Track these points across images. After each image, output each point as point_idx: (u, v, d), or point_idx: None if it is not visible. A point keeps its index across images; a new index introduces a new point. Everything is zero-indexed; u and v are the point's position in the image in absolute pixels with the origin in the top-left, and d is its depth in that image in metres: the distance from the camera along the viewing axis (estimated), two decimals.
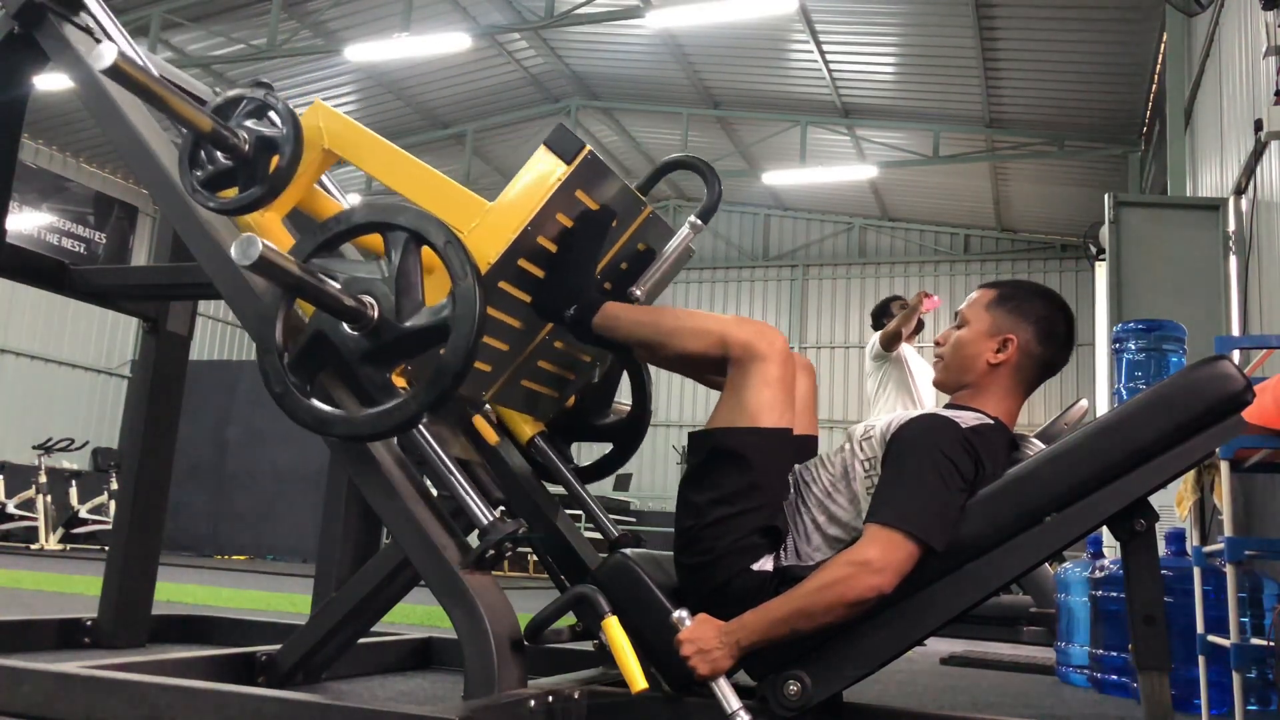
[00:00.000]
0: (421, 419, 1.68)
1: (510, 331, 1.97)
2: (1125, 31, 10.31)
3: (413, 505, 1.76)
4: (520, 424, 2.25)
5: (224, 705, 1.53)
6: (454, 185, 1.90)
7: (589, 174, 1.89)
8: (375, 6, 11.94)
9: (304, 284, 1.59)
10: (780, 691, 1.61)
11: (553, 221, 1.88)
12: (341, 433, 1.70)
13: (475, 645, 1.66)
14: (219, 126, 1.81)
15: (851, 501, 1.72)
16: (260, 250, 1.47)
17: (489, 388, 2.04)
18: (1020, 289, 1.87)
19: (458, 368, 1.59)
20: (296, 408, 1.69)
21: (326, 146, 1.94)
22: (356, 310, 1.65)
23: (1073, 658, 3.57)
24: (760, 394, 1.77)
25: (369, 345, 1.67)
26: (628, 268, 2.16)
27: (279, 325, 1.71)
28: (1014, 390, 1.82)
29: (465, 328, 1.59)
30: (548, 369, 2.16)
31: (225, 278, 1.90)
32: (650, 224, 2.15)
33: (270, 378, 1.70)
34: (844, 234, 17.89)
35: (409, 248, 1.67)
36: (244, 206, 1.85)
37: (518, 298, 1.93)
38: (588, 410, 2.35)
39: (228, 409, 11.16)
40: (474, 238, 1.79)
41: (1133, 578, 1.59)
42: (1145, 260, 6.22)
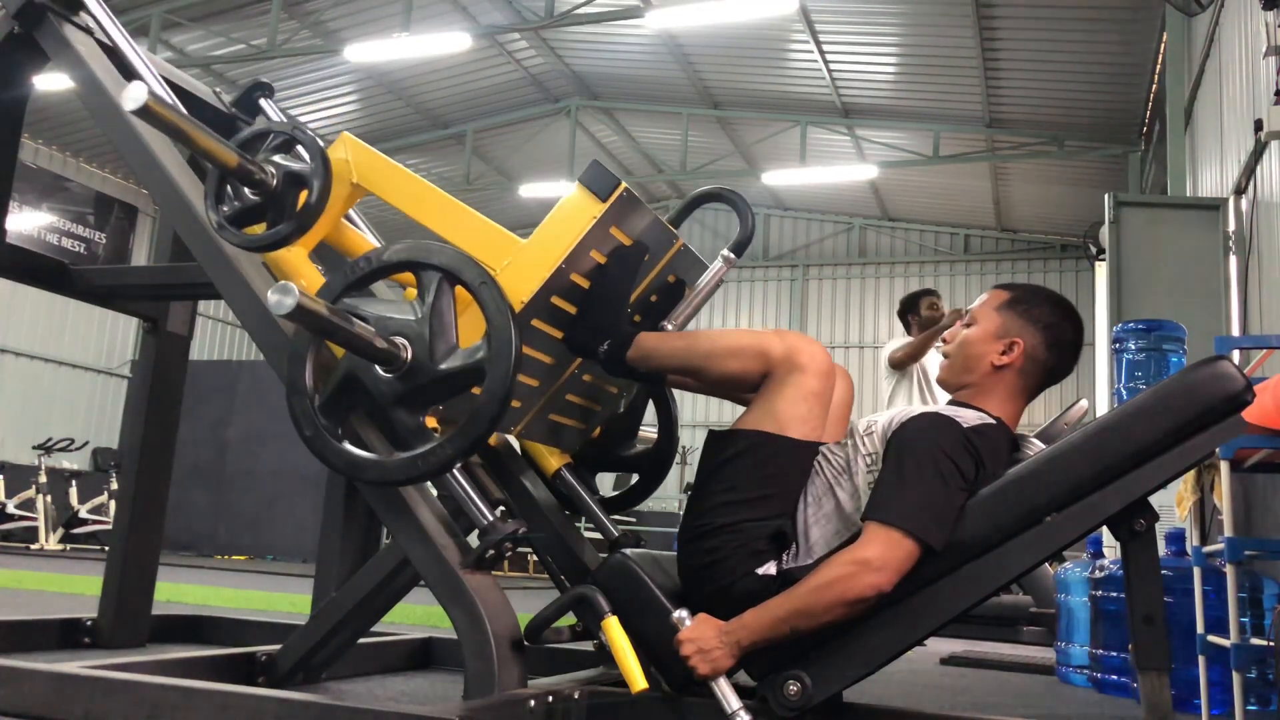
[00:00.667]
0: (456, 464, 1.65)
1: (541, 367, 1.94)
2: (1125, 31, 10.31)
3: (413, 505, 1.76)
4: (546, 456, 2.21)
5: (224, 705, 1.53)
6: (485, 221, 1.87)
7: (623, 210, 1.87)
8: (375, 6, 11.95)
9: (336, 328, 1.56)
10: (780, 691, 1.61)
11: (586, 258, 1.87)
12: (374, 478, 1.68)
13: (475, 645, 1.66)
14: (245, 161, 1.77)
15: (853, 497, 1.72)
16: (296, 300, 1.45)
17: (518, 423, 2.01)
18: (1033, 294, 1.86)
19: (494, 412, 1.57)
20: (327, 451, 1.66)
21: (355, 180, 1.90)
22: (389, 353, 1.62)
23: (1073, 658, 3.57)
24: (795, 405, 1.75)
25: (402, 388, 1.64)
26: (658, 300, 2.14)
27: (309, 367, 1.68)
28: (1016, 393, 1.82)
29: (501, 370, 1.56)
30: (575, 402, 2.14)
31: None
32: (681, 256, 2.14)
33: (300, 420, 1.67)
34: (844, 234, 17.89)
35: (442, 287, 1.65)
36: (272, 244, 1.82)
37: (549, 334, 1.91)
38: (613, 440, 2.32)
39: (228, 409, 11.17)
40: (507, 275, 1.76)
41: (1133, 578, 1.59)
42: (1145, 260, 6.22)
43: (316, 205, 1.78)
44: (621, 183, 1.85)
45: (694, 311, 2.16)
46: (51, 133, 14.10)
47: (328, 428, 1.68)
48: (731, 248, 2.15)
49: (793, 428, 1.74)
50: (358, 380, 1.67)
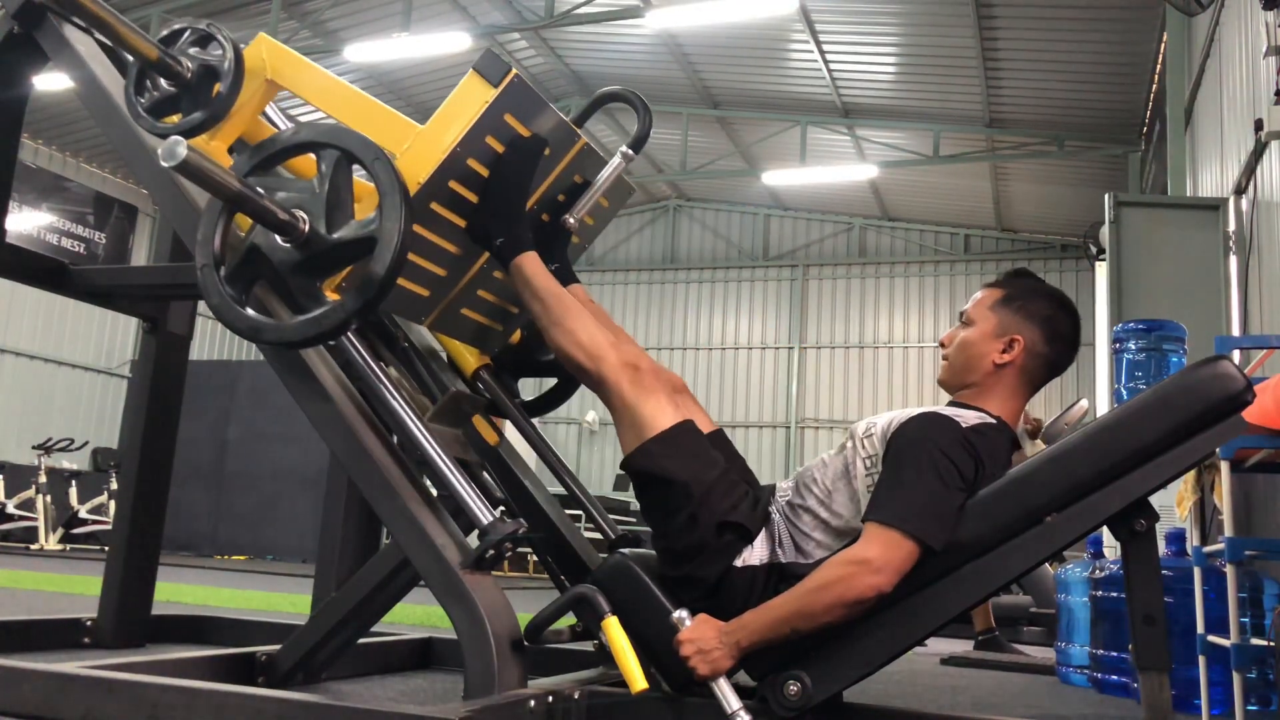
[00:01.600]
0: (349, 326, 1.72)
1: (446, 256, 2.00)
2: (1125, 31, 10.31)
3: (413, 505, 1.76)
4: (465, 356, 2.28)
5: (224, 705, 1.53)
6: (389, 110, 1.96)
7: (518, 98, 1.92)
8: (375, 6, 11.95)
9: (238, 195, 1.65)
10: (780, 691, 1.61)
11: (483, 145, 1.91)
12: (272, 339, 1.75)
13: (475, 645, 1.66)
14: (164, 54, 1.89)
15: (852, 499, 1.72)
16: (185, 153, 1.52)
17: (428, 313, 2.08)
18: (1027, 289, 1.86)
19: (382, 277, 1.64)
20: (232, 317, 1.75)
21: (269, 77, 1.98)
22: (289, 223, 1.71)
23: (1073, 658, 3.57)
24: (644, 405, 1.81)
25: (300, 256, 1.74)
26: (565, 199, 2.18)
27: (217, 239, 1.76)
28: (1018, 391, 1.82)
29: (390, 238, 1.64)
30: (489, 299, 2.19)
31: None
32: (586, 155, 2.17)
33: (208, 289, 1.76)
34: (844, 234, 17.89)
35: (340, 165, 1.74)
36: (187, 130, 1.90)
37: (452, 222, 1.96)
38: (533, 345, 2.38)
39: (228, 409, 11.17)
40: (405, 159, 1.82)
41: (1133, 578, 1.59)
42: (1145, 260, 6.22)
43: (229, 94, 1.90)
44: (512, 69, 1.90)
45: (591, 203, 2.19)
46: (51, 133, 14.10)
47: (233, 295, 1.76)
48: (630, 144, 2.19)
49: (658, 421, 1.80)
50: (260, 251, 1.76)
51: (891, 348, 17.18)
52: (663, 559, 1.79)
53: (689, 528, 1.73)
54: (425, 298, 2.03)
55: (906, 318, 17.19)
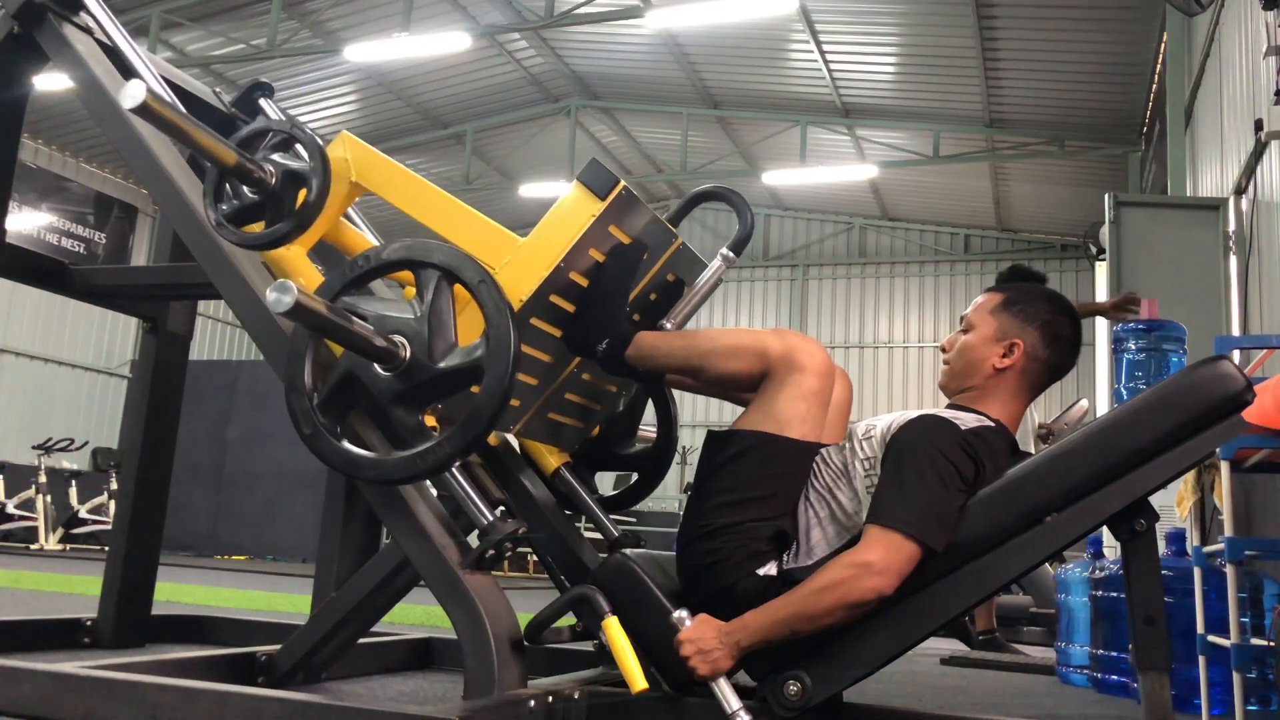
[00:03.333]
0: (454, 463, 1.66)
1: (539, 366, 1.94)
2: (1125, 31, 10.31)
3: (413, 505, 1.76)
4: (545, 455, 2.21)
5: (224, 705, 1.53)
6: (484, 220, 1.87)
7: (622, 209, 1.87)
8: (375, 6, 11.95)
9: (335, 327, 1.56)
10: (780, 691, 1.61)
11: (585, 257, 1.87)
12: (373, 477, 1.68)
13: (475, 645, 1.66)
14: (244, 160, 1.77)
15: (851, 500, 1.72)
16: (295, 297, 1.45)
17: (516, 422, 2.01)
18: (1026, 293, 1.86)
19: (492, 410, 1.57)
20: (326, 450, 1.67)
21: (354, 179, 1.90)
22: (388, 351, 1.62)
23: (1073, 658, 3.57)
24: (794, 405, 1.74)
25: (400, 386, 1.64)
26: (657, 298, 2.14)
27: (308, 365, 1.69)
28: (1018, 395, 1.82)
29: (500, 369, 1.56)
30: (574, 400, 2.13)
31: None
32: (680, 255, 2.13)
33: (299, 419, 1.67)
34: (844, 234, 17.89)
35: (441, 286, 1.64)
36: (271, 242, 1.82)
37: (548, 333, 1.91)
38: (613, 439, 2.31)
39: (228, 409, 11.17)
40: (506, 274, 1.76)
41: (1133, 578, 1.59)
42: (1145, 260, 6.22)
43: (315, 203, 1.77)
44: (620, 181, 1.85)
45: (693, 310, 2.16)
46: (51, 133, 14.10)
47: (326, 426, 1.67)
48: (730, 246, 2.14)
49: (792, 428, 1.73)
50: (356, 379, 1.67)
51: (891, 348, 17.18)
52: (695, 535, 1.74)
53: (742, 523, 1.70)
54: (515, 408, 1.96)
55: (906, 318, 17.19)
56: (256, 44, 11.89)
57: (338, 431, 1.69)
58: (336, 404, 1.70)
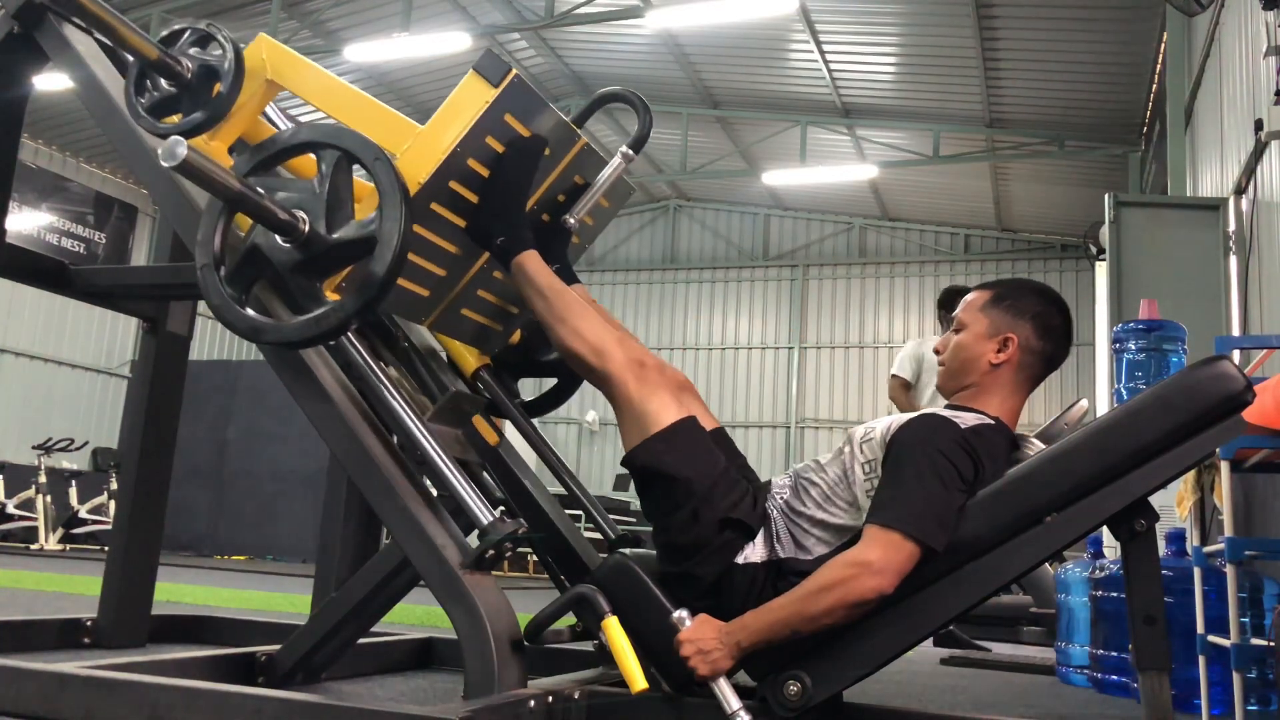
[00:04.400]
0: (349, 326, 1.72)
1: (446, 256, 2.00)
2: (1125, 31, 10.31)
3: (413, 505, 1.76)
4: (465, 356, 2.28)
5: (224, 705, 1.53)
6: (389, 111, 1.95)
7: (518, 98, 1.92)
8: (375, 6, 11.95)
9: (238, 195, 1.65)
10: (780, 691, 1.61)
11: (483, 145, 1.91)
12: (272, 339, 1.75)
13: (475, 645, 1.66)
14: (164, 54, 1.89)
15: (851, 503, 1.72)
16: (185, 152, 1.52)
17: (428, 313, 2.08)
18: (1014, 287, 1.88)
19: (382, 277, 1.65)
20: (233, 317, 1.75)
21: (269, 76, 1.98)
22: (289, 223, 1.71)
23: (1073, 658, 3.57)
24: (648, 401, 1.81)
25: (300, 256, 1.74)
26: (565, 200, 2.18)
27: (217, 239, 1.77)
28: (1017, 389, 1.82)
29: (390, 239, 1.64)
30: (489, 300, 2.19)
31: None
32: (586, 156, 2.17)
33: (209, 289, 1.77)
34: (844, 234, 17.89)
35: (340, 165, 1.74)
36: (187, 130, 1.90)
37: (452, 223, 1.96)
38: (533, 345, 2.38)
39: (228, 409, 11.17)
40: (405, 159, 1.82)
41: (1133, 578, 1.59)
42: (1145, 260, 6.22)
43: (229, 94, 1.90)
44: (512, 69, 1.90)
45: (592, 203, 2.19)
46: (51, 133, 14.10)
47: (233, 295, 1.76)
48: (630, 144, 2.19)
49: (662, 417, 1.80)
50: (261, 251, 1.76)
51: (892, 348, 17.17)
52: (663, 555, 1.79)
53: (690, 524, 1.73)
54: (425, 298, 2.03)
55: (906, 318, 17.19)
56: None
57: (243, 300, 1.78)
58: (243, 275, 1.79)
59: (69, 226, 14.59)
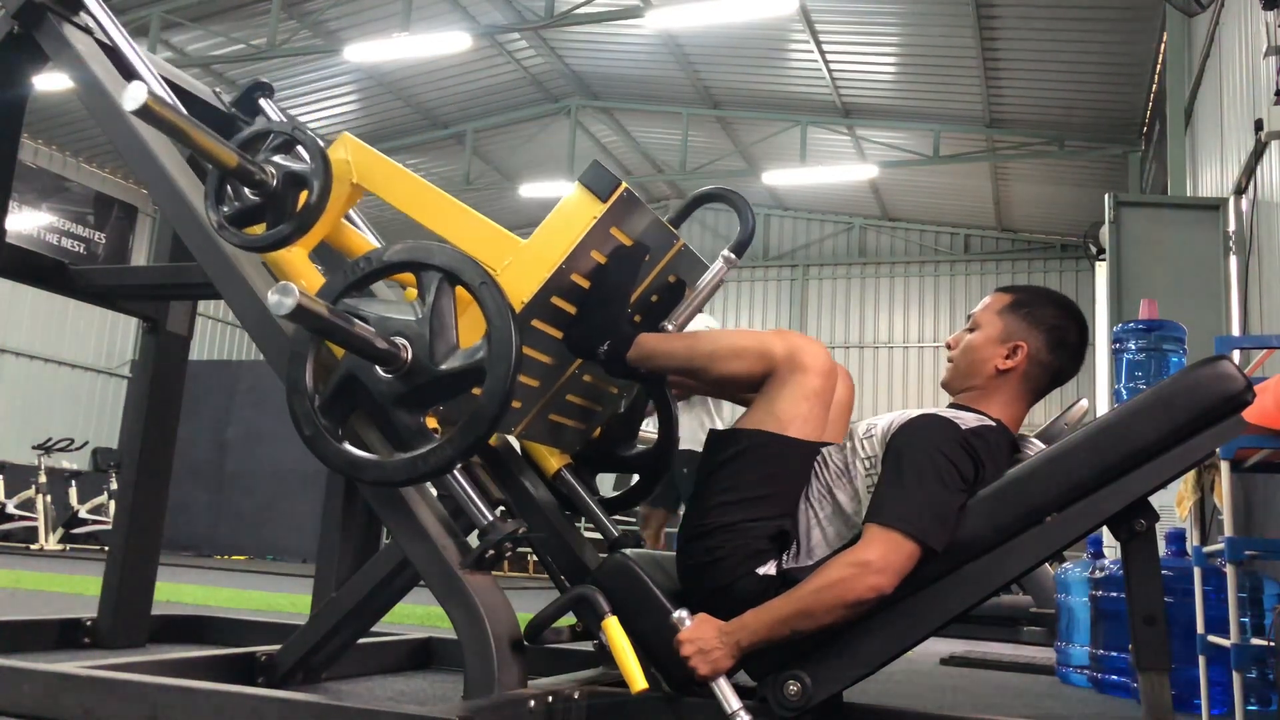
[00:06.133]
0: (456, 465, 1.65)
1: (541, 368, 1.94)
2: (1125, 31, 10.31)
3: (413, 505, 1.76)
4: (546, 457, 2.21)
5: (224, 705, 1.53)
6: (485, 221, 1.87)
7: (624, 210, 1.87)
8: (375, 6, 11.94)
9: (336, 329, 1.56)
10: (780, 691, 1.61)
11: (587, 259, 1.87)
12: (374, 478, 1.68)
13: (475, 645, 1.66)
14: (245, 161, 1.77)
15: (852, 500, 1.72)
16: (296, 300, 1.45)
17: (518, 424, 2.01)
18: (1035, 296, 1.86)
19: (494, 412, 1.57)
20: (328, 452, 1.67)
21: (355, 180, 1.90)
22: (389, 353, 1.62)
23: (1073, 658, 3.57)
24: (796, 405, 1.74)
25: (402, 388, 1.64)
26: (659, 300, 2.14)
27: (309, 367, 1.69)
28: (1020, 397, 1.81)
29: (501, 370, 1.56)
30: (575, 402, 2.13)
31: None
32: (681, 256, 2.13)
33: (301, 421, 1.68)
34: (844, 234, 17.89)
35: (443, 288, 1.65)
36: (273, 244, 1.82)
37: (549, 334, 1.91)
38: (614, 440, 2.31)
39: (228, 409, 11.17)
40: (507, 276, 1.75)
41: (1133, 578, 1.59)
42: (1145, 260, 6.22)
43: (317, 205, 1.77)
44: (622, 183, 1.85)
45: (694, 311, 2.16)
46: (51, 133, 14.10)
47: (328, 428, 1.68)
48: (732, 248, 2.15)
49: (794, 427, 1.73)
50: (358, 380, 1.67)
51: (891, 348, 17.18)
52: (695, 534, 1.74)
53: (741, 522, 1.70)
54: (516, 410, 1.95)
55: (906, 318, 17.19)
56: (256, 44, 11.89)
57: (339, 433, 1.69)
58: (338, 406, 1.70)
59: (69, 226, 14.59)
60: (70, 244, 14.50)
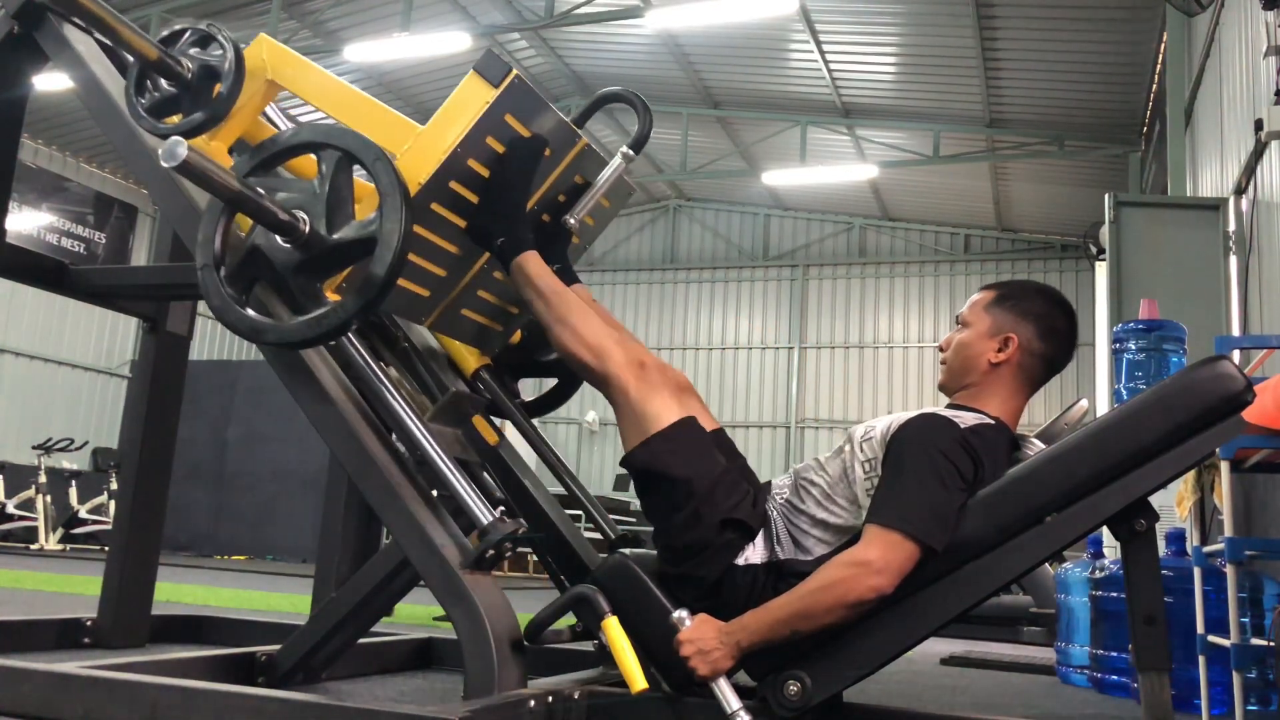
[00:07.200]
0: (350, 326, 1.72)
1: (447, 257, 2.00)
2: (1125, 31, 10.31)
3: (413, 505, 1.76)
4: (465, 356, 2.28)
5: (224, 705, 1.53)
6: (389, 111, 1.96)
7: (518, 98, 1.92)
8: (375, 6, 11.95)
9: (239, 196, 1.65)
10: (780, 691, 1.61)
11: (483, 145, 1.91)
12: (273, 339, 1.76)
13: (475, 645, 1.66)
14: (164, 54, 1.89)
15: (851, 502, 1.72)
16: (185, 153, 1.52)
17: (428, 313, 2.08)
18: (1019, 288, 1.88)
19: (383, 277, 1.65)
20: (233, 318, 1.75)
21: (269, 76, 1.99)
22: (289, 224, 1.71)
23: (1073, 658, 3.57)
24: (648, 402, 1.81)
25: (301, 257, 1.74)
26: (565, 200, 2.18)
27: (218, 239, 1.77)
28: (1017, 390, 1.82)
29: (391, 240, 1.64)
30: (489, 300, 2.19)
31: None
32: (586, 156, 2.17)
33: (209, 290, 1.77)
34: (844, 234, 17.89)
35: (340, 165, 1.74)
36: (187, 131, 1.90)
37: (453, 223, 1.96)
38: (533, 345, 2.38)
39: (228, 409, 11.17)
40: (405, 160, 1.82)
41: (1133, 578, 1.59)
42: (1145, 260, 6.21)
43: (229, 94, 1.90)
44: (513, 69, 1.90)
45: (592, 203, 2.19)
46: (51, 133, 14.10)
47: (233, 296, 1.76)
48: (630, 144, 2.20)
49: (662, 418, 1.80)
50: (261, 252, 1.77)
51: (891, 348, 17.19)
52: (663, 556, 1.79)
53: (690, 525, 1.73)
54: (425, 298, 2.03)
55: (906, 318, 17.19)
56: None
57: (244, 300, 1.78)
58: (243, 276, 1.79)
59: (69, 226, 14.59)
60: (70, 244, 14.50)
